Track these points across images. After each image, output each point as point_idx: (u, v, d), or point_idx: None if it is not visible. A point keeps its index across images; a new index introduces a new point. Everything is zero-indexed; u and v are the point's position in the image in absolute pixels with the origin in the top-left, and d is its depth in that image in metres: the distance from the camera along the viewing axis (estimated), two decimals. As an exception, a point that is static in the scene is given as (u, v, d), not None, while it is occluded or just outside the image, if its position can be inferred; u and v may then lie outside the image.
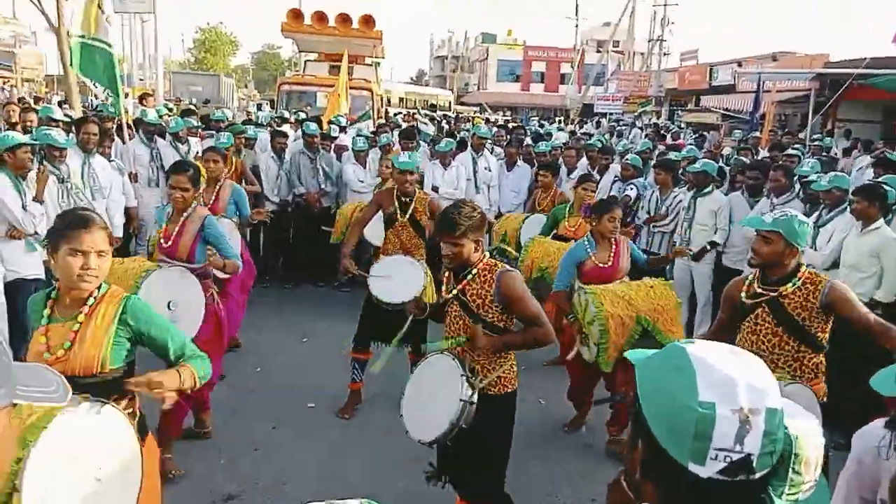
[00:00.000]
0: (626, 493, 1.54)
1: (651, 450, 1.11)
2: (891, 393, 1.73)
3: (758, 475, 1.06)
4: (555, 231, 6.36)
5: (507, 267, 3.35)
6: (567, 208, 6.35)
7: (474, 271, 3.31)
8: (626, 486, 1.55)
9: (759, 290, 3.41)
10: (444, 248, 3.29)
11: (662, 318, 4.45)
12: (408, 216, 5.24)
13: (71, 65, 7.34)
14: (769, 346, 3.38)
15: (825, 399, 3.41)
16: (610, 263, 4.80)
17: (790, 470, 1.40)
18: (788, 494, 1.42)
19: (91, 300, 2.57)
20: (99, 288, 2.60)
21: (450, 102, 32.08)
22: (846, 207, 5.62)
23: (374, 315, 5.15)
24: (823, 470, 1.47)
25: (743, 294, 3.48)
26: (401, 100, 28.92)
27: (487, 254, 3.41)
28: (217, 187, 6.00)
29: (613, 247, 4.84)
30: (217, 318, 4.59)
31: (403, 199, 5.25)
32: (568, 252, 4.99)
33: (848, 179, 6.08)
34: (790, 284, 3.32)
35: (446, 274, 3.45)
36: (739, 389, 1.05)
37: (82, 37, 7.11)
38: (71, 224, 2.51)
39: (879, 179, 6.20)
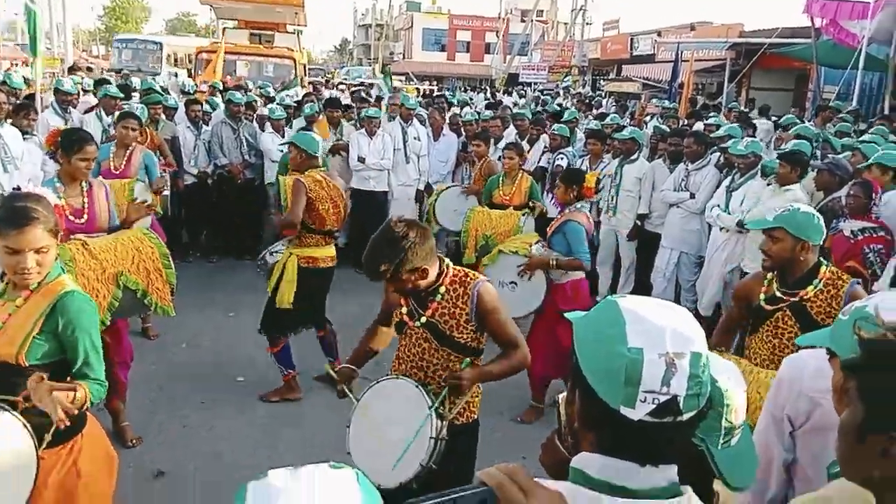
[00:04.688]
0: (560, 450, 1.60)
1: (587, 398, 1.16)
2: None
3: (686, 416, 1.11)
4: (489, 201, 6.46)
5: (482, 276, 2.91)
6: (500, 178, 6.45)
7: (442, 289, 2.82)
8: (559, 443, 1.61)
9: (780, 295, 3.15)
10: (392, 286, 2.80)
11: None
12: None
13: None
14: (794, 350, 3.01)
15: None
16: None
17: (724, 420, 1.50)
18: (724, 443, 1.52)
19: (35, 285, 2.46)
20: (49, 274, 2.49)
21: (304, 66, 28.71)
22: (757, 172, 5.91)
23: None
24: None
25: (762, 297, 3.20)
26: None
27: (448, 262, 2.91)
28: (128, 151, 5.88)
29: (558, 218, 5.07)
30: None
31: None
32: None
33: (761, 145, 6.39)
34: (811, 287, 3.08)
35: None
36: (666, 335, 1.11)
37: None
38: (3, 221, 2.38)
39: (789, 144, 6.48)
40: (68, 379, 2.47)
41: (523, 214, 6.05)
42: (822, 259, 3.16)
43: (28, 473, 2.30)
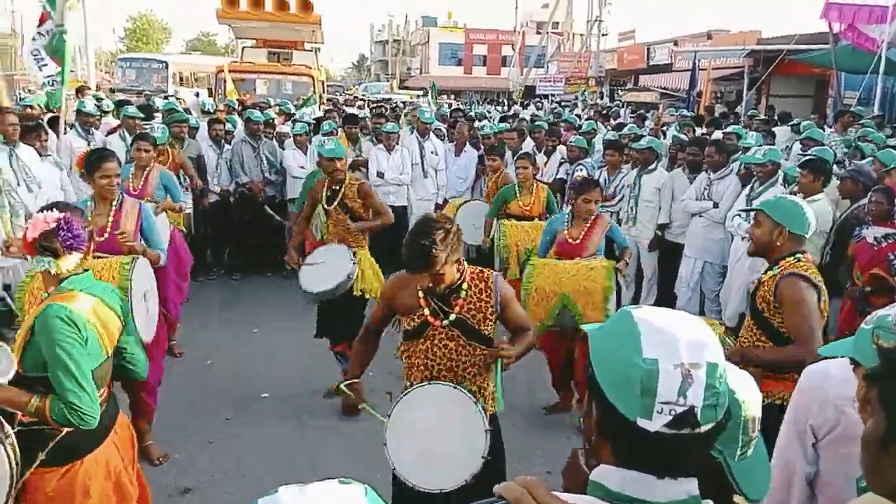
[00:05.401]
0: (584, 471, 1.60)
1: (604, 410, 1.16)
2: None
3: (703, 428, 1.11)
4: (507, 212, 6.39)
5: (491, 271, 3.12)
6: (516, 188, 6.43)
7: (465, 286, 3.00)
8: (582, 461, 1.61)
9: (757, 279, 3.29)
10: (427, 279, 2.91)
11: (584, 300, 4.62)
12: (336, 203, 5.10)
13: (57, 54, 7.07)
14: (744, 328, 3.28)
15: (779, 401, 2.89)
16: (578, 241, 4.99)
17: (741, 433, 1.49)
18: (741, 454, 1.51)
19: (45, 295, 2.53)
20: (57, 286, 2.53)
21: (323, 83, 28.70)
22: (777, 180, 5.87)
23: (326, 309, 5.22)
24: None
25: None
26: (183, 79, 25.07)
27: (464, 261, 3.07)
28: (146, 172, 5.91)
29: (587, 225, 5.01)
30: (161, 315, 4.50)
31: (334, 187, 5.14)
32: (548, 222, 5.39)
33: (780, 153, 6.35)
34: (770, 272, 3.13)
35: (421, 296, 3.03)
36: (680, 346, 1.11)
37: (60, 26, 6.91)
38: None
39: (809, 152, 6.44)
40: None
41: None
42: (799, 252, 3.11)
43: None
